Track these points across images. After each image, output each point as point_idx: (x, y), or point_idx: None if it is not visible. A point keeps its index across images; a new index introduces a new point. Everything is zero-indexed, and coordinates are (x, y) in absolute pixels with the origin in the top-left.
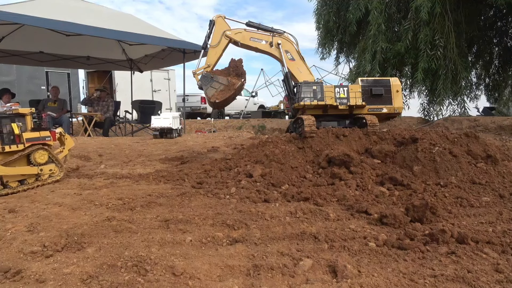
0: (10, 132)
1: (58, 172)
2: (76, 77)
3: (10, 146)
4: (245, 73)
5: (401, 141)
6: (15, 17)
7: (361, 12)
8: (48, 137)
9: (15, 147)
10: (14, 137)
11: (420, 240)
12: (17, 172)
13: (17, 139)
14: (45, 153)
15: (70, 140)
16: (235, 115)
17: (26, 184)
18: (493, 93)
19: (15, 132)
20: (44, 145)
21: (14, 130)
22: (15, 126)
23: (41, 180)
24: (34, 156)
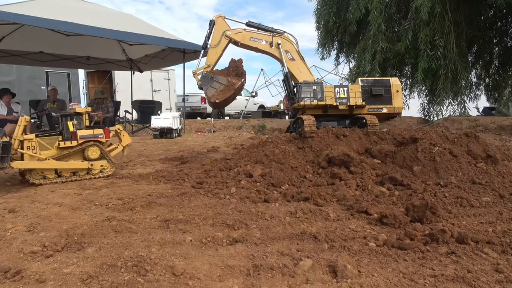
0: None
1: (110, 168)
2: (76, 77)
3: (65, 142)
4: (245, 73)
5: (401, 141)
6: (15, 17)
7: (361, 12)
8: (101, 134)
9: (69, 143)
10: (70, 134)
11: (420, 240)
12: (69, 166)
13: (72, 136)
14: (97, 149)
15: (127, 137)
16: (235, 115)
17: (78, 175)
18: (493, 93)
19: (70, 129)
20: (96, 142)
21: (69, 128)
22: (70, 124)
23: (92, 174)
24: (87, 152)
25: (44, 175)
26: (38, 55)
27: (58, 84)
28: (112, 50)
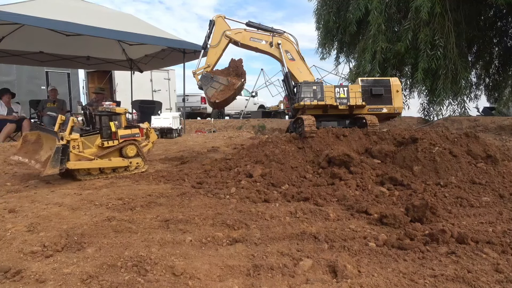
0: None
1: (143, 165)
2: (76, 77)
3: (107, 142)
4: (245, 73)
5: (401, 141)
6: (15, 17)
7: (361, 12)
8: (138, 133)
9: (112, 142)
10: (111, 134)
11: (420, 240)
12: (112, 164)
13: (113, 135)
14: (134, 148)
15: (153, 134)
16: (235, 115)
17: (117, 172)
18: (493, 93)
19: (112, 129)
20: (133, 140)
21: (111, 128)
22: (112, 124)
23: (129, 171)
24: (125, 151)
25: (89, 172)
26: (38, 55)
27: (58, 84)
28: (112, 50)
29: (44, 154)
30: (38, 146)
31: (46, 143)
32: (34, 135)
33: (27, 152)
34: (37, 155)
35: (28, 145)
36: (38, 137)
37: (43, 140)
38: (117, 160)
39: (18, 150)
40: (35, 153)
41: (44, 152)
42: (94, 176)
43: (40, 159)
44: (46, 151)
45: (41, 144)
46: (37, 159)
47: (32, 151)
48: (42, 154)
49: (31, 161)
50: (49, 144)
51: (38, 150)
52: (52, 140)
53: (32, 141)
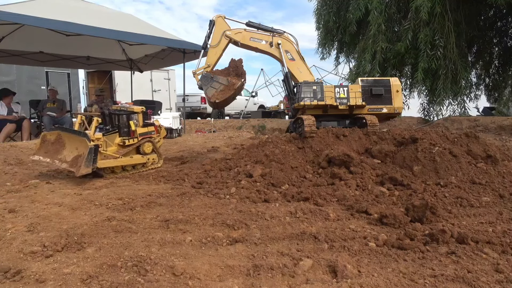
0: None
1: (158, 160)
2: (76, 77)
3: (128, 140)
4: (245, 73)
5: (401, 141)
6: (15, 17)
7: (361, 12)
8: (153, 131)
9: (132, 140)
10: (130, 132)
11: (420, 240)
12: (133, 162)
13: (132, 133)
14: (150, 144)
15: (163, 130)
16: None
17: (136, 169)
18: (493, 93)
19: (132, 128)
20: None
21: (131, 127)
22: (132, 123)
23: (146, 167)
24: (143, 148)
25: (113, 169)
26: (38, 55)
27: (58, 84)
28: (112, 50)
29: (69, 154)
30: (59, 146)
31: (70, 143)
32: (53, 135)
33: (47, 152)
34: (60, 155)
35: (48, 145)
36: (59, 137)
37: (65, 140)
38: (137, 157)
39: (38, 150)
40: (57, 152)
41: (69, 152)
42: (117, 173)
43: (65, 158)
44: (71, 151)
45: (62, 144)
46: (61, 158)
47: (53, 151)
48: (66, 154)
49: (54, 160)
50: (73, 144)
51: (60, 150)
52: (76, 140)
53: (51, 141)
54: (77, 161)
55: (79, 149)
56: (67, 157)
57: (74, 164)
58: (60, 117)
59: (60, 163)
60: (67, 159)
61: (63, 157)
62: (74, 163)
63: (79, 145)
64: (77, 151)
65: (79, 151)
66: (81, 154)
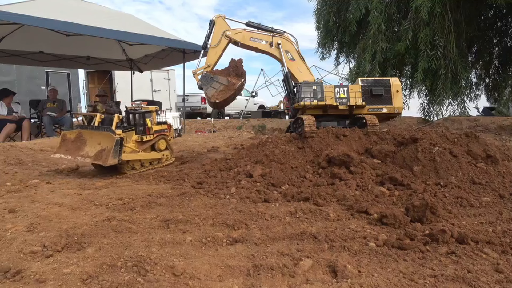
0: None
1: (171, 156)
2: (76, 77)
3: (145, 137)
4: (245, 73)
5: (401, 141)
6: (15, 17)
7: (361, 12)
8: (166, 129)
9: (149, 137)
10: (145, 129)
11: (420, 240)
12: (151, 156)
13: (148, 130)
14: (164, 141)
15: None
16: (235, 115)
17: (153, 164)
18: (493, 93)
19: (148, 125)
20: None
21: (148, 124)
22: (148, 121)
23: (161, 163)
24: (158, 144)
25: (133, 166)
26: (38, 55)
27: (58, 84)
28: (112, 50)
29: (92, 149)
30: (80, 143)
31: (91, 139)
32: (73, 134)
33: (68, 150)
34: (82, 151)
35: (68, 143)
36: (79, 135)
37: (86, 137)
38: (154, 153)
39: (58, 148)
40: (78, 149)
41: (91, 148)
42: (137, 170)
43: (87, 154)
44: (93, 146)
45: (83, 141)
46: (83, 154)
47: (74, 148)
48: (88, 150)
49: (76, 157)
50: (96, 139)
51: (81, 146)
52: (99, 135)
53: (71, 140)
54: (102, 154)
55: (102, 144)
56: (89, 152)
57: (98, 157)
58: (60, 117)
59: (83, 158)
60: (90, 154)
61: (85, 153)
62: (99, 156)
63: (102, 140)
64: (100, 146)
65: (102, 145)
66: (104, 148)
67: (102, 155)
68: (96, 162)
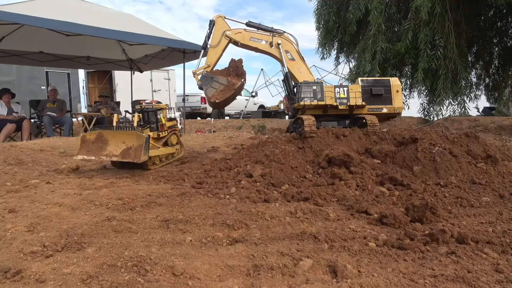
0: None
1: (180, 150)
2: (76, 77)
3: (162, 133)
4: (245, 73)
5: (401, 141)
6: (15, 17)
7: (361, 12)
8: (176, 125)
9: (164, 133)
10: (159, 126)
11: (420, 240)
12: (169, 151)
13: (161, 127)
14: (175, 136)
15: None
16: (235, 115)
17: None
18: (493, 93)
19: (163, 122)
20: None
21: (162, 121)
22: (162, 118)
23: (174, 157)
24: (170, 139)
25: (154, 161)
26: (38, 55)
27: (58, 84)
28: (112, 50)
29: (116, 149)
30: (101, 143)
31: (114, 139)
32: (93, 135)
33: (89, 151)
34: (105, 151)
35: (89, 144)
36: (100, 136)
37: (108, 137)
38: (170, 148)
39: (79, 150)
40: (100, 150)
41: (114, 147)
42: (157, 165)
43: (112, 153)
44: (117, 146)
45: (105, 141)
46: (107, 154)
47: (96, 149)
48: (112, 149)
49: (100, 157)
50: (119, 139)
51: (103, 147)
52: (123, 135)
53: (92, 141)
54: (129, 152)
55: (127, 142)
56: (114, 151)
57: (126, 155)
58: (60, 117)
59: (109, 158)
60: (115, 153)
61: (109, 152)
62: (127, 154)
63: (126, 138)
64: (124, 145)
65: (127, 144)
66: (130, 146)
67: (130, 153)
68: (126, 160)
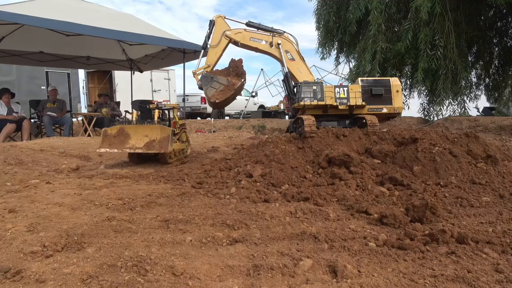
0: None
1: (188, 147)
2: (76, 77)
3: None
4: (245, 73)
5: (401, 141)
6: (15, 17)
7: (361, 12)
8: (185, 123)
9: (177, 130)
10: (171, 123)
11: (420, 240)
12: (181, 147)
13: (174, 125)
14: (185, 134)
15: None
16: (235, 115)
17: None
18: (493, 93)
19: (176, 120)
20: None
21: (176, 118)
22: (176, 116)
23: (184, 153)
24: (181, 136)
25: (170, 156)
26: (38, 55)
27: (58, 84)
28: (112, 50)
29: (139, 142)
30: (123, 137)
31: (136, 133)
32: (114, 130)
33: (111, 144)
34: (127, 144)
35: (110, 138)
36: (121, 130)
37: (129, 131)
38: (182, 144)
39: (102, 143)
40: (122, 143)
41: (137, 140)
42: (172, 159)
43: (135, 145)
44: (139, 139)
45: (127, 136)
46: (131, 147)
47: (118, 142)
48: (134, 142)
49: (123, 149)
50: (141, 133)
51: (125, 140)
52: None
53: (113, 135)
54: (153, 144)
55: (150, 135)
56: (136, 144)
57: (150, 147)
58: (60, 117)
59: (132, 150)
60: (138, 145)
61: (131, 145)
62: (151, 146)
63: (149, 132)
64: (147, 138)
65: (150, 137)
66: (154, 139)
67: (155, 145)
68: (151, 151)
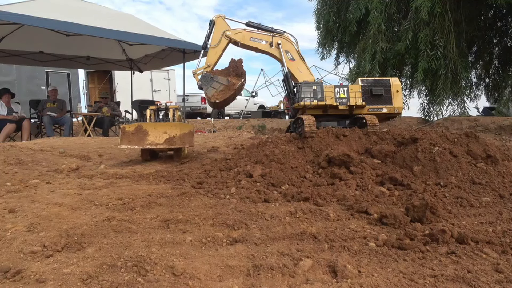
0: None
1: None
2: (76, 77)
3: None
4: (245, 73)
5: (401, 141)
6: (15, 17)
7: (361, 12)
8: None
9: None
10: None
11: (420, 240)
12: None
13: None
14: None
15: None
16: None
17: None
18: (493, 93)
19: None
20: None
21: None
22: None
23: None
24: None
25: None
26: (38, 55)
27: (58, 84)
28: (112, 50)
29: (159, 138)
30: (142, 134)
31: (154, 130)
32: (132, 127)
33: (131, 141)
34: (146, 141)
35: (129, 135)
36: (139, 128)
37: (148, 128)
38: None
39: (121, 140)
40: (141, 140)
41: (156, 137)
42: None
43: (155, 142)
44: (159, 136)
45: (145, 132)
46: (150, 143)
47: (137, 139)
48: (153, 139)
49: (143, 145)
50: (160, 129)
51: (143, 137)
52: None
53: (131, 132)
54: (174, 140)
55: (169, 132)
56: (156, 140)
57: (171, 143)
58: (60, 117)
59: (153, 146)
60: (158, 141)
61: (151, 141)
62: (172, 142)
63: (169, 129)
64: (167, 134)
65: (169, 134)
66: (174, 136)
67: (175, 140)
68: (173, 147)
